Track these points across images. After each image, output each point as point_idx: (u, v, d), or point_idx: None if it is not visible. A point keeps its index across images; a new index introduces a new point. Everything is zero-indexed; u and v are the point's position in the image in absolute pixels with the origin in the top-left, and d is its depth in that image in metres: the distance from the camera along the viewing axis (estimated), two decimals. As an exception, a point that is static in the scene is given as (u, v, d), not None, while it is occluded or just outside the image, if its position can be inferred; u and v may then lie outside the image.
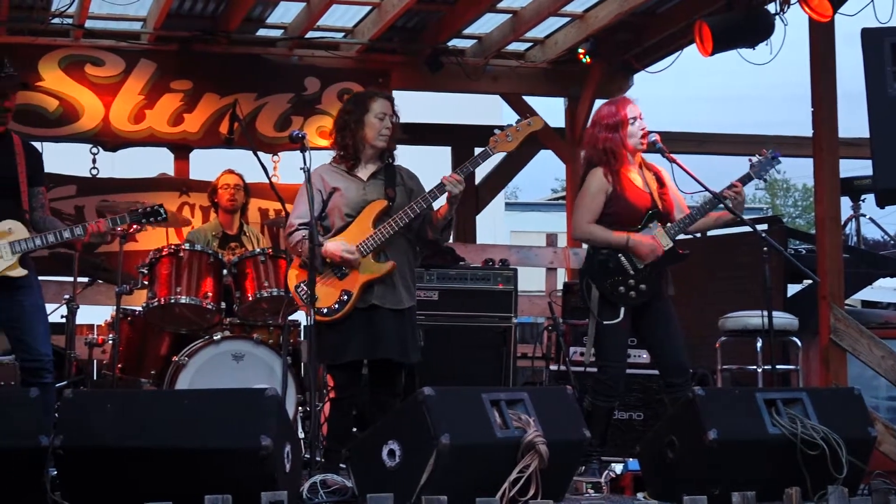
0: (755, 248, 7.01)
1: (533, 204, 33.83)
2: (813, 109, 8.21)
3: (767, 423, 5.30)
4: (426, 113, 11.47)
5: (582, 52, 10.14)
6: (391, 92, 10.11)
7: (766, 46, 8.45)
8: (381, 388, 6.12)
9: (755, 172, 6.51)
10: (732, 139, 12.20)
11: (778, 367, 7.68)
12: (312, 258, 5.73)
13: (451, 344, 8.10)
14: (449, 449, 4.77)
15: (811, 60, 8.22)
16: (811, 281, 8.68)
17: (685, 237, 6.75)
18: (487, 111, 14.21)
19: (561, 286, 8.74)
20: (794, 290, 9.73)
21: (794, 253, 9.68)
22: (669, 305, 6.45)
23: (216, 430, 4.81)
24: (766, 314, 7.05)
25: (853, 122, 9.29)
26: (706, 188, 6.37)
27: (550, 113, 11.19)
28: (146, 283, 7.32)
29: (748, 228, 6.43)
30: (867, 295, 11.84)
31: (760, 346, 7.81)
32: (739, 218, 6.38)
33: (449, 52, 10.39)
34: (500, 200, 24.00)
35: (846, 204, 10.83)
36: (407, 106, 10.69)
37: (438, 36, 10.13)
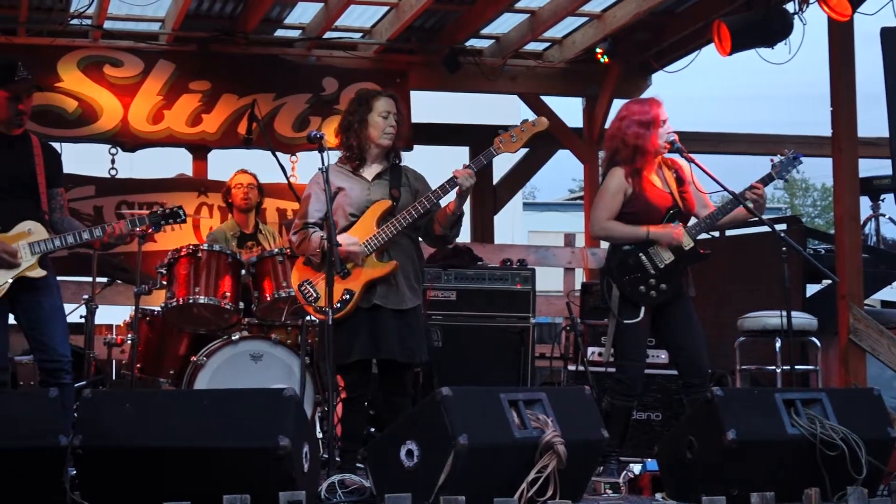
0: (774, 247, 6.99)
1: (551, 204, 33.83)
2: (832, 109, 8.20)
3: (786, 423, 5.28)
4: (444, 113, 11.49)
5: (600, 51, 10.14)
6: (409, 92, 10.25)
7: (784, 46, 8.43)
8: (390, 388, 6.12)
9: (776, 173, 6.48)
10: (751, 139, 12.19)
11: (797, 367, 7.67)
12: (330, 257, 5.71)
13: (468, 344, 8.10)
14: (467, 449, 4.77)
15: (830, 60, 8.20)
16: (830, 281, 8.64)
17: (704, 236, 6.74)
18: (505, 111, 14.19)
19: (579, 286, 8.74)
20: (813, 290, 9.70)
21: (813, 253, 9.64)
22: (690, 306, 6.43)
23: (234, 430, 4.82)
24: (784, 314, 7.03)
25: (872, 121, 9.28)
26: (724, 188, 6.36)
27: (568, 113, 11.23)
28: (165, 283, 7.34)
29: (767, 228, 6.42)
30: (887, 295, 11.78)
31: (779, 346, 7.79)
32: (759, 217, 6.36)
33: (467, 52, 10.40)
34: (517, 200, 23.97)
35: (865, 203, 10.80)
36: (425, 106, 10.79)
37: (456, 36, 10.13)
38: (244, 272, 7.40)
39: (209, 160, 10.22)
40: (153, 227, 6.39)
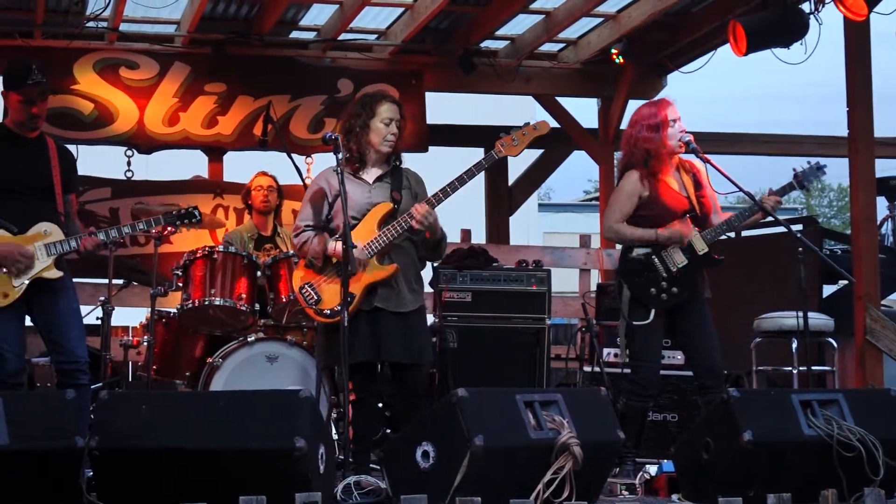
0: (790, 248, 6.98)
1: (566, 205, 33.80)
2: (848, 109, 8.18)
3: (803, 424, 5.27)
4: (459, 114, 11.48)
5: (615, 52, 10.12)
6: (424, 93, 10.25)
7: (800, 46, 8.40)
8: (402, 390, 6.13)
9: (798, 182, 6.45)
10: (766, 139, 12.15)
11: (813, 368, 7.65)
12: (346, 261, 5.71)
13: (484, 345, 8.10)
14: (483, 450, 4.77)
15: (846, 60, 8.18)
16: (847, 281, 8.63)
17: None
18: (520, 112, 14.11)
19: (594, 287, 8.73)
20: (829, 290, 9.68)
21: (829, 253, 9.62)
22: (706, 308, 6.41)
23: (250, 431, 4.82)
24: (801, 315, 7.02)
25: (888, 121, 9.26)
26: (740, 188, 6.35)
27: (583, 114, 11.21)
28: (181, 285, 7.35)
29: (783, 229, 6.40)
30: (903, 295, 11.76)
31: (796, 347, 7.78)
32: (775, 218, 6.35)
33: (482, 53, 10.39)
34: (533, 201, 23.97)
35: (882, 204, 10.76)
36: (440, 107, 10.78)
37: (471, 37, 10.13)
38: (260, 274, 7.42)
39: (225, 162, 10.23)
40: (169, 227, 6.41)
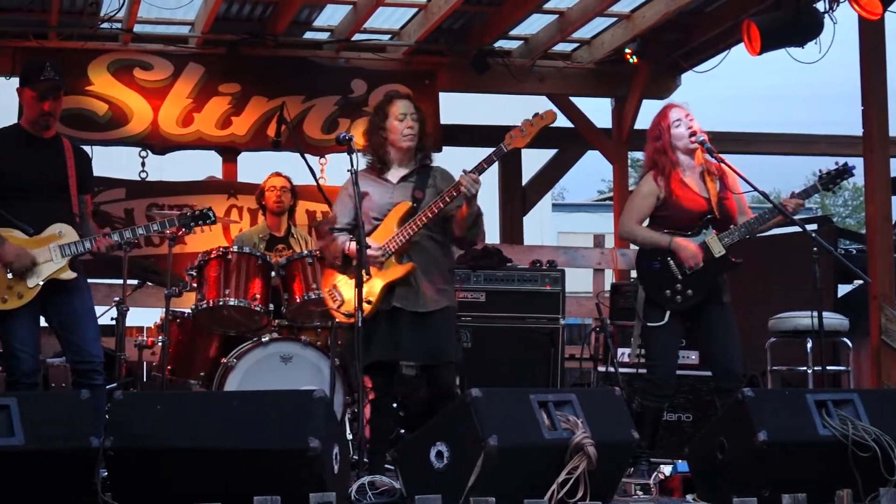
0: (805, 248, 6.96)
1: (580, 205, 33.76)
2: (863, 108, 8.16)
3: (818, 424, 5.25)
4: (472, 114, 11.48)
5: (629, 52, 10.11)
6: (437, 93, 10.25)
7: (815, 45, 8.39)
8: (435, 389, 6.07)
9: (823, 185, 6.41)
10: (781, 138, 12.15)
11: (828, 368, 7.63)
12: (360, 263, 5.71)
13: (498, 345, 8.10)
14: (497, 450, 4.77)
15: (861, 59, 8.16)
16: (862, 281, 8.60)
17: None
18: (534, 112, 14.17)
19: (608, 287, 8.72)
20: (844, 290, 9.66)
21: (844, 253, 9.58)
22: (726, 310, 6.36)
23: (265, 431, 4.83)
24: (816, 315, 7.00)
25: (904, 120, 9.21)
26: (755, 188, 6.33)
27: (597, 113, 11.21)
28: (195, 285, 7.36)
29: (798, 228, 6.38)
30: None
31: (810, 346, 7.76)
32: (790, 219, 6.32)
33: (495, 53, 10.39)
34: (547, 201, 23.95)
35: (897, 203, 10.73)
36: (453, 107, 10.78)
37: (485, 37, 10.13)
38: (274, 274, 7.42)
39: (239, 163, 10.24)
40: (183, 228, 6.43)
